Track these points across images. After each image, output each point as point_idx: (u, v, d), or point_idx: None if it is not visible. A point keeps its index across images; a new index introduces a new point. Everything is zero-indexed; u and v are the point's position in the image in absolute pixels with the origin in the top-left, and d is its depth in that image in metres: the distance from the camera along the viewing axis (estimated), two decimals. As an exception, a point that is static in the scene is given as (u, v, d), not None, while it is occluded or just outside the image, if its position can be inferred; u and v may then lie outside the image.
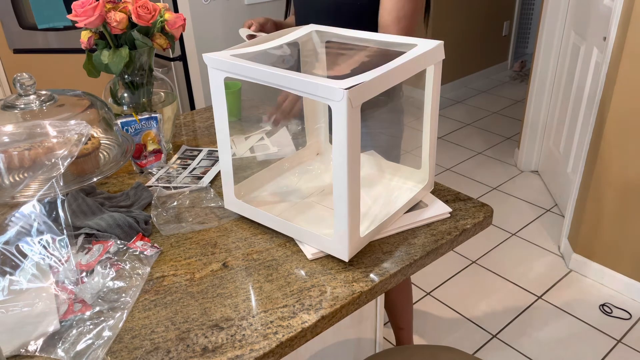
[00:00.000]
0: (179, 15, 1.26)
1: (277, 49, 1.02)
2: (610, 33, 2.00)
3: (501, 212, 2.75)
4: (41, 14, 2.53)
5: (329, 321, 0.84)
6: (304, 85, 0.82)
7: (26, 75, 1.02)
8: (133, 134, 1.22)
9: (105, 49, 1.23)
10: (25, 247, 0.87)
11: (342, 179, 0.84)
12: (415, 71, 0.91)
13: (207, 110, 1.63)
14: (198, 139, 1.43)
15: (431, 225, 1.03)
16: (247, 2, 2.49)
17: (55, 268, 0.87)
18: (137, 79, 1.29)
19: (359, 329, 1.34)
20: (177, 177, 1.22)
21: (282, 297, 0.87)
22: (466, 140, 3.46)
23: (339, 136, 0.81)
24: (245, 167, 1.28)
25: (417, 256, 0.95)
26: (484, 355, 1.91)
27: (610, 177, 2.07)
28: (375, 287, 0.89)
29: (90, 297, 0.85)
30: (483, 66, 4.39)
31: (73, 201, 1.03)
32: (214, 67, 0.93)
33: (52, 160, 0.91)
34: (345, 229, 0.88)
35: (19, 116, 1.01)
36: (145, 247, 0.97)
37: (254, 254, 0.97)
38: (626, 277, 2.17)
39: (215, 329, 0.81)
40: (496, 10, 4.20)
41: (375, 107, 1.48)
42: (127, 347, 0.78)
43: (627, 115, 1.94)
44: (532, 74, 2.91)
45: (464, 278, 2.30)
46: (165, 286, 0.90)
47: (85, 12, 1.17)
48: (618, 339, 1.98)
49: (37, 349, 0.77)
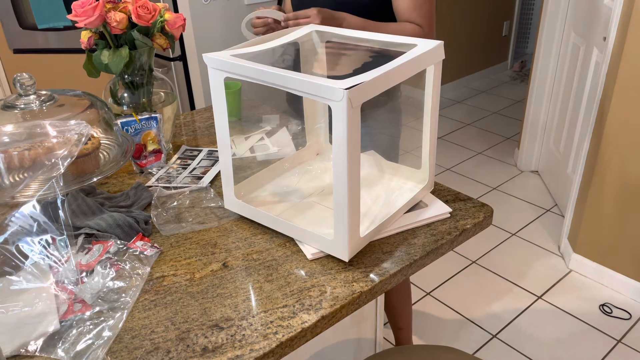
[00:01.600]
0: (179, 15, 1.26)
1: (277, 50, 1.02)
2: (610, 33, 2.00)
3: (501, 212, 2.75)
4: (41, 14, 2.53)
5: (329, 321, 0.84)
6: (304, 85, 0.82)
7: (26, 75, 1.02)
8: (133, 134, 1.22)
9: (105, 49, 1.23)
10: (25, 247, 0.87)
11: (342, 179, 0.84)
12: (415, 71, 0.91)
13: (207, 110, 1.63)
14: (198, 139, 1.43)
15: (431, 225, 1.03)
16: (247, 2, 2.49)
17: (55, 268, 0.87)
18: (137, 79, 1.29)
19: (359, 329, 1.34)
20: (177, 177, 1.22)
21: (282, 297, 0.87)
22: (466, 140, 3.46)
23: (339, 136, 0.81)
24: (245, 167, 1.28)
25: (417, 256, 0.95)
26: (484, 355, 1.91)
27: (610, 177, 2.07)
28: (375, 287, 0.89)
29: (90, 297, 0.85)
30: (483, 66, 4.39)
31: (73, 201, 1.03)
32: (214, 67, 0.93)
33: (52, 160, 0.91)
34: (345, 229, 0.88)
35: (19, 116, 1.01)
36: (145, 247, 0.97)
37: (254, 254, 0.97)
38: (626, 277, 2.17)
39: (215, 329, 0.81)
40: (496, 10, 4.20)
41: (374, 107, 1.48)
42: (127, 347, 0.78)
43: (627, 115, 1.94)
44: (532, 74, 2.91)
45: (464, 278, 2.30)
46: (165, 286, 0.90)
47: (85, 12, 1.17)
48: (618, 339, 1.98)
49: (37, 349, 0.77)
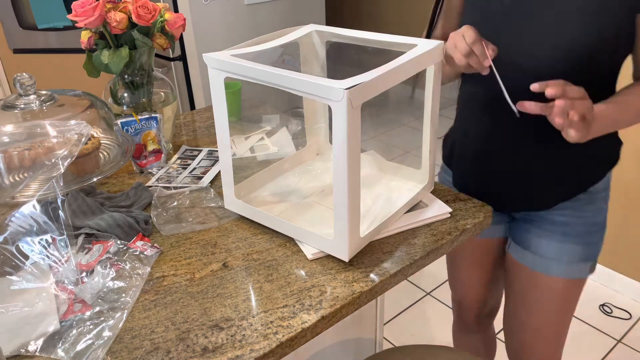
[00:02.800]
0: (179, 15, 1.26)
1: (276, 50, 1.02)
2: (610, 33, 2.00)
3: (501, 212, 2.75)
4: (41, 14, 2.53)
5: (329, 321, 0.84)
6: (304, 85, 0.82)
7: (26, 75, 1.02)
8: (133, 134, 1.22)
9: (105, 49, 1.23)
10: (25, 247, 0.87)
11: (342, 178, 0.84)
12: (415, 71, 0.91)
13: (207, 110, 1.63)
14: (198, 139, 1.43)
15: (431, 225, 1.03)
16: (247, 2, 2.49)
17: (55, 268, 0.87)
18: (137, 79, 1.29)
19: (359, 329, 1.34)
20: (177, 177, 1.22)
21: (282, 297, 0.87)
22: (466, 140, 3.45)
23: (339, 136, 0.81)
24: (245, 167, 1.28)
25: (417, 256, 0.95)
26: (484, 355, 1.91)
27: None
28: (375, 287, 0.89)
29: (90, 297, 0.85)
30: (483, 66, 4.39)
31: (73, 201, 1.03)
32: (214, 67, 0.93)
33: (52, 160, 0.91)
34: (345, 229, 0.88)
35: (19, 116, 1.01)
36: (145, 247, 0.97)
37: (254, 254, 0.97)
38: (626, 277, 2.17)
39: (215, 329, 0.81)
40: (496, 10, 4.20)
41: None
42: (127, 347, 0.78)
43: (627, 115, 1.94)
44: (532, 74, 2.90)
45: (464, 278, 2.30)
46: (165, 286, 0.90)
47: (85, 12, 1.17)
48: (618, 339, 1.98)
49: (37, 349, 0.77)
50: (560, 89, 0.84)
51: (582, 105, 0.86)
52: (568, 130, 0.86)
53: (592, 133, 0.91)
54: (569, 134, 0.87)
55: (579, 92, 0.87)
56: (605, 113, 0.94)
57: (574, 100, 0.85)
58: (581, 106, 0.86)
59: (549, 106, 0.86)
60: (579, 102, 0.85)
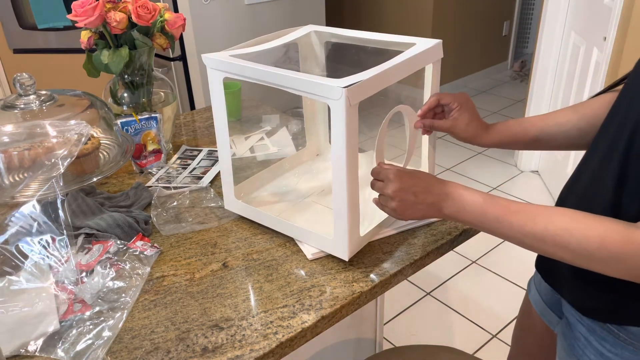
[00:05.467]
0: (179, 15, 1.26)
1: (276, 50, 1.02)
2: (610, 33, 2.00)
3: (501, 212, 2.75)
4: (41, 14, 2.53)
5: (329, 321, 0.84)
6: (303, 85, 0.82)
7: (26, 75, 1.02)
8: (133, 134, 1.22)
9: (105, 49, 1.23)
10: (25, 247, 0.87)
11: (341, 177, 0.84)
12: (414, 69, 0.91)
13: (207, 110, 1.63)
14: (198, 139, 1.43)
15: (431, 225, 1.03)
16: (247, 2, 2.49)
17: (55, 268, 0.87)
18: (137, 79, 1.29)
19: (359, 329, 1.34)
20: (177, 177, 1.22)
21: (282, 297, 0.87)
22: (466, 140, 3.46)
23: (338, 134, 0.81)
24: (245, 167, 1.28)
25: (417, 256, 0.95)
26: (484, 355, 1.91)
27: (610, 177, 2.07)
28: (375, 287, 0.89)
29: (90, 297, 0.85)
30: (483, 66, 4.39)
31: (73, 201, 1.03)
32: (213, 68, 0.93)
33: (52, 160, 0.91)
34: (345, 229, 0.88)
35: (19, 116, 1.01)
36: (145, 247, 0.97)
37: (254, 254, 0.97)
38: (626, 277, 2.16)
39: (215, 329, 0.81)
40: (496, 10, 4.20)
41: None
42: (127, 347, 0.78)
43: (627, 115, 1.93)
44: (532, 74, 2.90)
45: (464, 278, 2.30)
46: (165, 286, 0.90)
47: (85, 12, 1.17)
48: (618, 338, 1.98)
49: (37, 349, 0.77)
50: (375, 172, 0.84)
51: (385, 199, 0.82)
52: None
53: (447, 217, 0.81)
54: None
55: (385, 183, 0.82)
56: (471, 207, 0.77)
57: (381, 195, 0.83)
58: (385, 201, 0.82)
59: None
60: (382, 197, 0.83)
